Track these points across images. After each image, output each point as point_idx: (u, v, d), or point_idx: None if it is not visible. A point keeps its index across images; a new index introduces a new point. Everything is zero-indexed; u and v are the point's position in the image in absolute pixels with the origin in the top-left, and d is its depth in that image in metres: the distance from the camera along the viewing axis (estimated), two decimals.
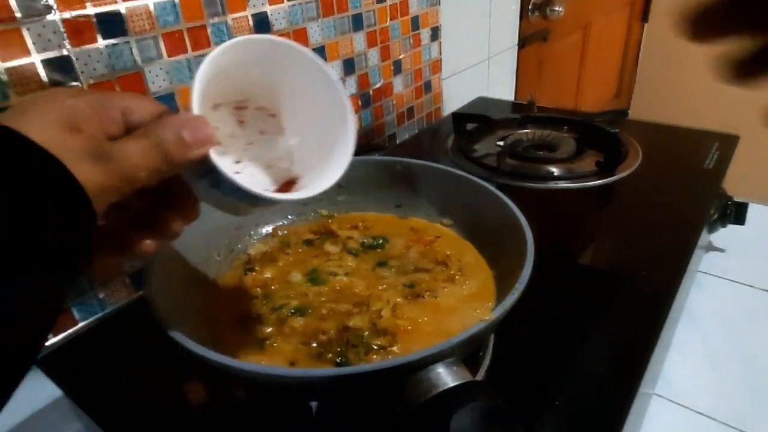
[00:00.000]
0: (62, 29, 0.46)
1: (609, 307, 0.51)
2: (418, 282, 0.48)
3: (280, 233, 0.57)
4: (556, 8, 1.24)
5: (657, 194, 0.71)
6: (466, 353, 0.35)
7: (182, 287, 0.45)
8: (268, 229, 0.57)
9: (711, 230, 0.79)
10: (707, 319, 0.99)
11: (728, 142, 0.81)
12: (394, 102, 0.92)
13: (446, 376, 0.31)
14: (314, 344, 0.42)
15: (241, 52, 0.31)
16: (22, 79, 0.45)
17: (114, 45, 0.51)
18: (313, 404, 0.40)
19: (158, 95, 0.56)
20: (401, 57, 0.90)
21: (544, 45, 1.34)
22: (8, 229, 0.21)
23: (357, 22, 0.79)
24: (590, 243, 0.64)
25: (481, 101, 1.09)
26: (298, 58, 0.33)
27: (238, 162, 0.36)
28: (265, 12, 0.65)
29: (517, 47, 1.24)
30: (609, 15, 1.71)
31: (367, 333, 0.42)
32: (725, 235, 0.84)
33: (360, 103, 0.86)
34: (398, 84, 0.91)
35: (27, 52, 0.45)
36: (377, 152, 0.85)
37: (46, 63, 0.46)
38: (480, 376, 0.43)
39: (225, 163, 0.29)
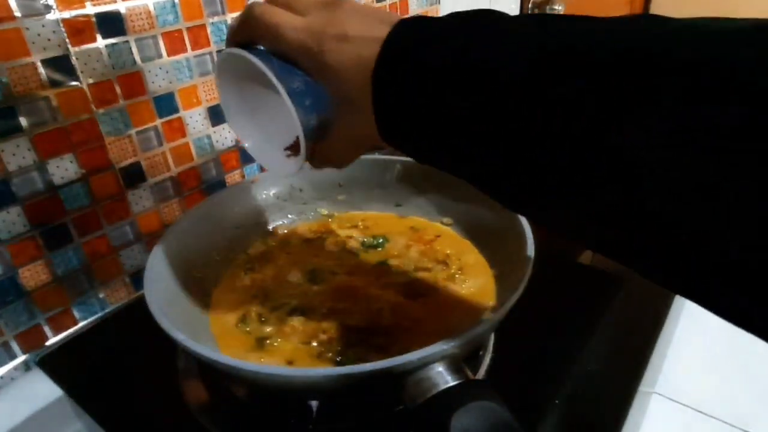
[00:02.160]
0: (62, 29, 0.46)
1: (609, 306, 0.51)
2: (419, 281, 0.48)
3: (279, 232, 0.57)
4: (556, 7, 1.24)
5: None
6: (466, 352, 0.35)
7: (182, 287, 0.45)
8: (267, 228, 0.57)
9: None
10: (707, 317, 0.99)
11: None
12: None
13: (446, 376, 0.31)
14: (314, 344, 0.42)
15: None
16: (22, 79, 0.45)
17: (114, 44, 0.50)
18: (314, 404, 0.40)
19: (158, 95, 0.56)
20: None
21: None
22: None
23: None
24: None
25: None
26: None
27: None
28: None
29: None
30: (609, 14, 1.70)
31: (367, 332, 0.42)
32: None
33: None
34: None
35: (27, 52, 0.45)
36: (377, 151, 0.85)
37: (46, 62, 0.46)
38: (480, 375, 0.43)
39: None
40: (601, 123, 0.23)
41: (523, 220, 0.45)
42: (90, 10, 0.48)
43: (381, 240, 0.54)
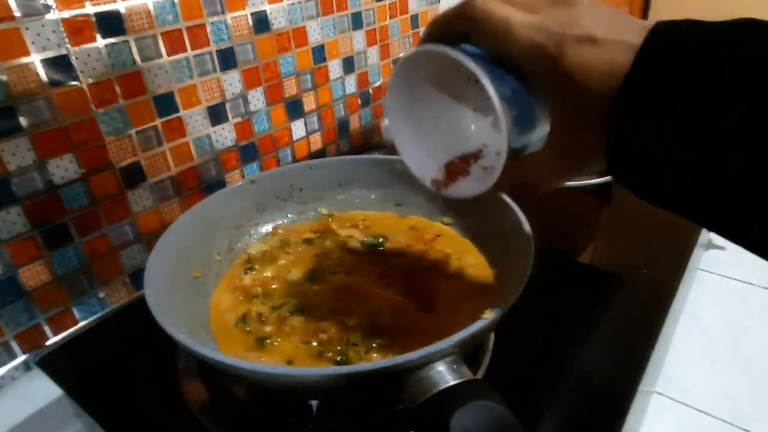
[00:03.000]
0: (61, 28, 0.46)
1: (609, 306, 0.51)
2: (419, 281, 0.48)
3: (280, 232, 0.57)
4: None
5: None
6: (466, 352, 0.35)
7: (182, 287, 0.45)
8: (268, 228, 0.57)
9: None
10: (707, 317, 0.99)
11: None
12: None
13: (446, 375, 0.31)
14: (314, 343, 0.42)
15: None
16: (22, 79, 0.45)
17: (113, 44, 0.50)
18: (314, 403, 0.40)
19: (158, 94, 0.56)
20: (401, 55, 0.90)
21: None
22: None
23: (356, 21, 0.79)
24: (590, 241, 0.64)
25: None
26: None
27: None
28: (265, 11, 0.65)
29: None
30: None
31: (367, 332, 0.42)
32: None
33: (359, 101, 0.86)
34: None
35: (26, 52, 0.45)
36: (377, 151, 0.85)
37: (46, 62, 0.46)
38: (480, 374, 0.43)
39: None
40: None
41: (523, 219, 0.45)
42: (89, 9, 0.48)
43: (381, 239, 0.54)
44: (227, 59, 0.62)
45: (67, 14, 0.47)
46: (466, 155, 0.32)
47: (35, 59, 0.45)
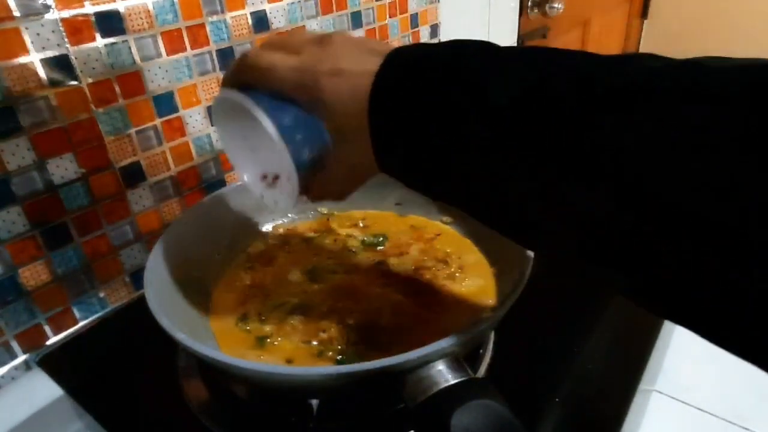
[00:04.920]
0: (61, 28, 0.46)
1: (609, 305, 0.51)
2: (419, 280, 0.48)
3: (279, 231, 0.57)
4: (556, 5, 1.24)
5: None
6: (466, 351, 0.35)
7: (182, 286, 0.45)
8: (268, 227, 0.57)
9: None
10: None
11: None
12: None
13: (447, 374, 0.31)
14: (315, 342, 0.42)
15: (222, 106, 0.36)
16: (21, 79, 0.45)
17: (113, 44, 0.50)
18: (314, 402, 0.40)
19: (157, 94, 0.56)
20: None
21: (543, 42, 1.34)
22: None
23: (356, 20, 0.79)
24: None
25: None
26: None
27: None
28: (264, 10, 0.65)
29: (516, 44, 1.24)
30: (608, 12, 1.70)
31: (367, 331, 0.42)
32: None
33: None
34: None
35: (26, 52, 0.45)
36: None
37: (45, 62, 0.46)
38: (480, 373, 0.43)
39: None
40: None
41: None
42: (89, 9, 0.48)
43: (381, 239, 0.54)
44: (227, 59, 0.62)
45: (66, 14, 0.47)
46: (276, 175, 0.38)
47: (35, 59, 0.45)
